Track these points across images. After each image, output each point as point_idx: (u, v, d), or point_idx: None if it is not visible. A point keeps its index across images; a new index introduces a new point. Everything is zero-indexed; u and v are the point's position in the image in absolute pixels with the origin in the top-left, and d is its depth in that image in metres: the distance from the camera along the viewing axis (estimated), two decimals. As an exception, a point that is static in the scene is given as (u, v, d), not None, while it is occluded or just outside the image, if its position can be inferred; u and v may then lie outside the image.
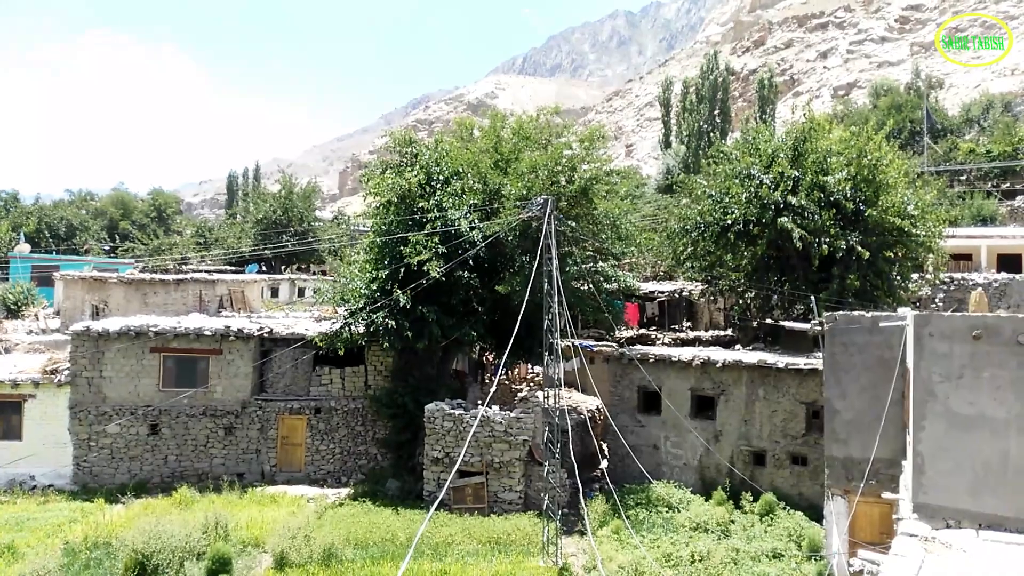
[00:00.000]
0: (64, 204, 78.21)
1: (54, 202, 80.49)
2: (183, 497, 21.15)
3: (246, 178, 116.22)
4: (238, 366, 24.22)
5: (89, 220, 73.16)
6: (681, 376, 22.80)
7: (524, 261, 22.41)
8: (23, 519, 20.13)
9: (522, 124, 25.81)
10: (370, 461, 24.47)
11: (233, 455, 24.02)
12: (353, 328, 22.97)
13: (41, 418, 23.48)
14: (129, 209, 76.98)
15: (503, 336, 22.13)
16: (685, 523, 18.91)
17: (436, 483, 21.08)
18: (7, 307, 44.48)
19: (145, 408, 23.69)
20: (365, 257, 24.36)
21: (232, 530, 18.28)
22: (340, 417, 24.53)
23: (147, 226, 74.46)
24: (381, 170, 24.84)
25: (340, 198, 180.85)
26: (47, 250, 63.19)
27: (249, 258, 58.62)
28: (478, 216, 22.77)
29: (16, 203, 76.50)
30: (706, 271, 26.96)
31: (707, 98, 69.74)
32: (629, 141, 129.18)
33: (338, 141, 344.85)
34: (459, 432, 21.00)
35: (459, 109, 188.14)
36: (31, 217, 69.95)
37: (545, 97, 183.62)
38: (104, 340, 23.73)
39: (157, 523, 17.30)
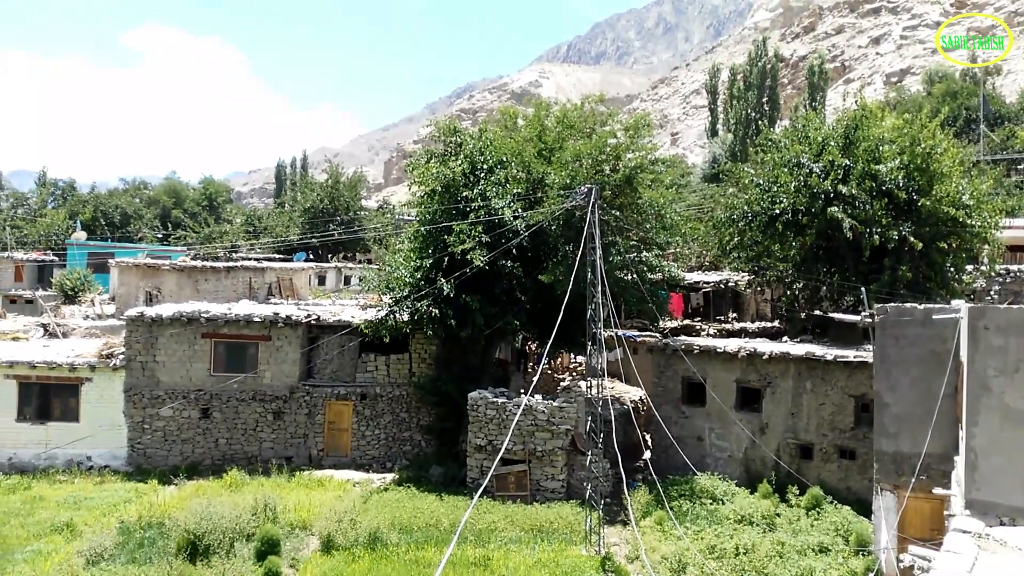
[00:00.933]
0: (119, 193, 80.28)
1: (109, 191, 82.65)
2: (233, 479, 21.69)
3: (294, 168, 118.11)
4: (286, 352, 24.68)
5: (143, 208, 75.01)
6: (726, 367, 22.56)
7: (567, 250, 22.39)
8: (81, 498, 20.89)
9: (566, 113, 25.69)
10: (414, 447, 24.77)
11: (282, 439, 24.52)
12: (398, 316, 23.22)
13: (97, 401, 24.25)
14: (181, 198, 78.73)
15: (546, 325, 22.17)
16: (729, 515, 18.75)
17: (479, 470, 21.25)
18: (65, 293, 46.04)
19: (197, 392, 24.30)
20: (410, 246, 24.57)
21: (280, 512, 18.70)
22: (385, 403, 24.86)
23: (198, 214, 76.11)
24: (425, 159, 25.00)
25: (385, 187, 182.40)
26: (103, 238, 65.02)
27: (297, 246, 59.56)
28: (521, 205, 22.80)
29: (73, 192, 78.82)
30: (753, 261, 26.56)
31: (755, 85, 68.54)
32: (675, 129, 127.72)
33: (383, 131, 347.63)
34: (502, 420, 21.13)
35: (503, 98, 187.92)
36: (87, 205, 71.99)
37: (589, 85, 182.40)
38: (157, 325, 24.38)
39: (208, 504, 17.80)
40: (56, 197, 77.63)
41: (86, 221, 67.70)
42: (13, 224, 69.87)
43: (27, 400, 24.29)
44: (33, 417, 24.21)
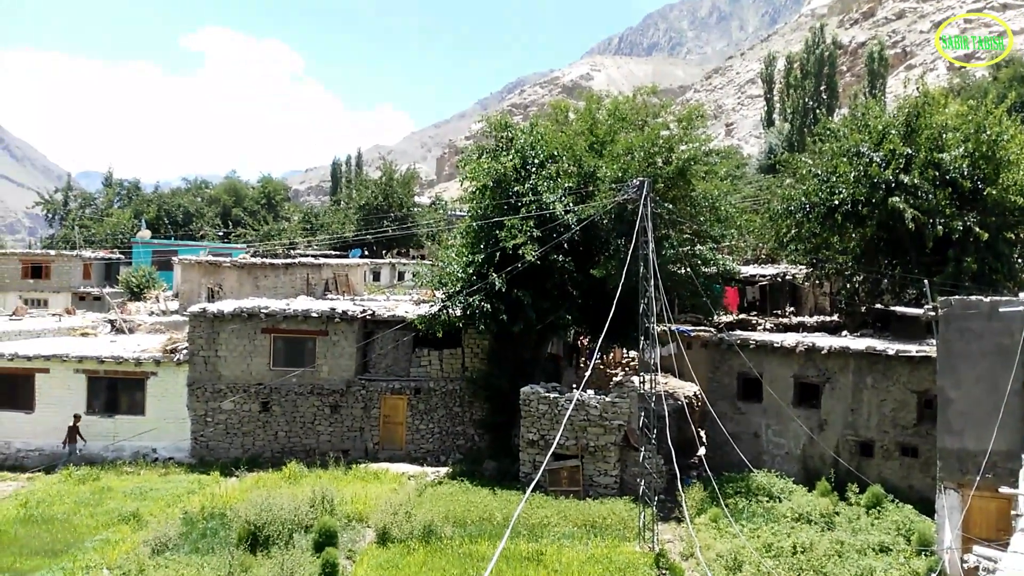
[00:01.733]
0: (181, 192, 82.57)
1: (172, 190, 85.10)
2: (292, 472, 22.17)
3: (349, 166, 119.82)
4: (343, 347, 25.11)
5: (204, 207, 76.99)
6: (784, 363, 22.15)
7: (619, 244, 22.25)
8: (146, 489, 21.57)
9: (618, 105, 25.51)
10: (467, 441, 24.96)
11: (338, 432, 24.97)
12: (450, 311, 23.40)
13: (162, 395, 25.04)
14: (241, 196, 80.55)
15: (598, 320, 22.09)
16: (787, 513, 18.43)
17: (532, 465, 21.31)
18: (131, 290, 47.62)
19: (257, 386, 24.90)
20: (462, 241, 24.73)
21: (337, 504, 19.03)
22: (439, 398, 25.11)
23: (257, 212, 77.78)
24: (477, 155, 25.11)
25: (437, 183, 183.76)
26: (166, 236, 66.94)
27: (352, 243, 60.41)
28: (573, 199, 22.73)
29: (138, 191, 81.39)
30: (811, 254, 26.00)
31: (813, 73, 66.95)
32: (729, 120, 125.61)
33: (435, 128, 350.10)
34: (554, 415, 21.15)
35: (554, 92, 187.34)
36: (151, 205, 74.23)
37: (641, 77, 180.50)
38: (219, 321, 25.04)
39: (268, 496, 18.25)
40: (122, 197, 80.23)
41: (150, 220, 69.77)
42: (82, 224, 72.55)
43: (96, 394, 25.20)
44: (101, 410, 25.11)
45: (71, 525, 18.84)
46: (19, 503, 20.27)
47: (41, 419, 24.93)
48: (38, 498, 20.63)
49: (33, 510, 19.73)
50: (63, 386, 24.92)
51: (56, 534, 18.23)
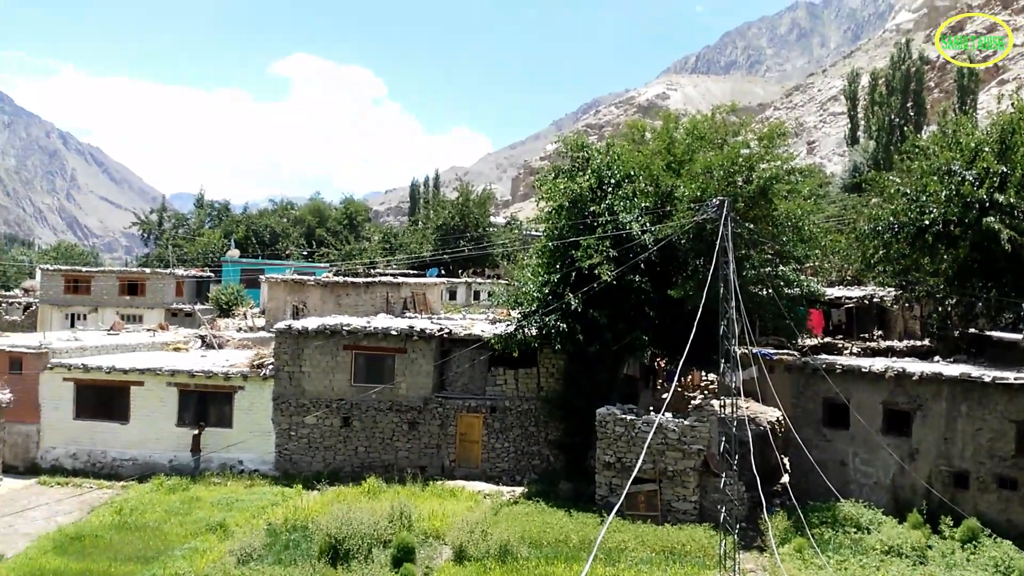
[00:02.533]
0: (268, 213, 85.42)
1: (260, 211, 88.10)
2: (371, 487, 22.55)
3: (427, 187, 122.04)
4: (420, 364, 25.48)
5: (289, 227, 79.43)
6: (872, 389, 21.35)
7: (698, 265, 21.94)
8: (233, 500, 22.27)
9: (696, 124, 25.24)
10: (543, 461, 24.90)
11: (416, 449, 25.30)
12: (526, 331, 23.49)
13: (249, 408, 25.89)
14: (324, 217, 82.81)
15: (675, 342, 21.77)
16: (876, 545, 17.69)
17: (608, 487, 21.10)
18: (220, 307, 49.52)
19: (338, 401, 25.48)
20: (537, 261, 24.82)
21: (415, 521, 19.24)
22: (514, 417, 25.16)
23: (340, 233, 79.82)
24: (553, 175, 25.22)
25: (513, 204, 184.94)
26: (253, 255, 69.21)
27: (430, 262, 61.36)
28: (650, 219, 22.56)
29: (227, 212, 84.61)
30: (900, 276, 25.05)
31: (899, 90, 64.95)
32: (811, 138, 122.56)
33: (511, 149, 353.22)
34: (631, 437, 20.91)
35: (629, 112, 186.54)
36: (240, 225, 77.03)
37: (719, 95, 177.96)
38: (303, 338, 25.77)
39: (348, 510, 18.60)
40: (212, 218, 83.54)
41: (239, 240, 72.35)
42: (175, 243, 75.86)
43: (186, 406, 26.22)
44: (192, 423, 26.09)
45: (162, 533, 19.61)
46: (114, 510, 21.25)
47: (135, 430, 26.13)
48: (131, 506, 21.59)
49: (127, 517, 20.64)
50: (156, 399, 26.06)
51: (148, 541, 19.02)
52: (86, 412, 26.41)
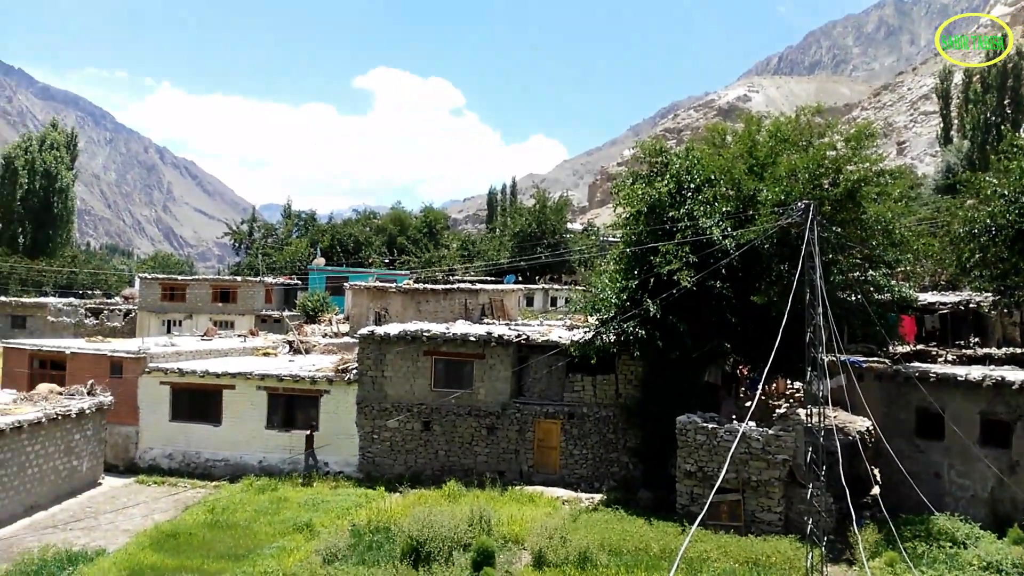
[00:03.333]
0: (352, 222, 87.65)
1: (344, 220, 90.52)
2: (452, 490, 22.81)
3: (504, 194, 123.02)
4: (498, 370, 25.67)
5: (372, 236, 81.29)
6: (968, 398, 20.35)
7: (782, 270, 21.39)
8: (319, 501, 22.83)
9: (779, 126, 24.65)
10: (621, 469, 24.69)
11: (495, 454, 25.47)
12: (604, 337, 23.36)
13: (333, 411, 26.57)
14: (405, 226, 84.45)
15: (758, 349, 21.26)
16: (973, 561, 16.84)
17: (689, 496, 20.76)
18: (307, 313, 51.09)
19: (419, 406, 25.90)
20: (615, 267, 24.67)
21: (494, 525, 19.35)
22: (592, 424, 25.04)
23: (420, 240, 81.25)
24: (631, 181, 25.04)
25: (590, 210, 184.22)
26: (338, 263, 71.11)
27: (507, 269, 61.77)
28: (731, 224, 22.14)
29: (313, 222, 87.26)
30: (998, 280, 23.85)
31: (995, 87, 61.87)
32: (901, 138, 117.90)
33: (588, 155, 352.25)
34: (712, 446, 20.53)
35: (709, 115, 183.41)
36: (325, 234, 79.30)
37: (803, 97, 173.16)
38: (385, 343, 26.32)
39: (429, 513, 18.86)
40: (299, 227, 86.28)
41: (324, 248, 74.47)
42: (264, 252, 78.69)
43: (275, 410, 27.11)
44: (280, 425, 26.98)
45: (251, 532, 20.24)
46: (207, 509, 22.05)
47: (227, 431, 27.15)
48: (223, 505, 22.34)
49: (219, 516, 21.39)
50: (247, 402, 27.04)
51: (238, 539, 19.63)
52: (181, 414, 27.61)
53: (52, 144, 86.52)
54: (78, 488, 24.09)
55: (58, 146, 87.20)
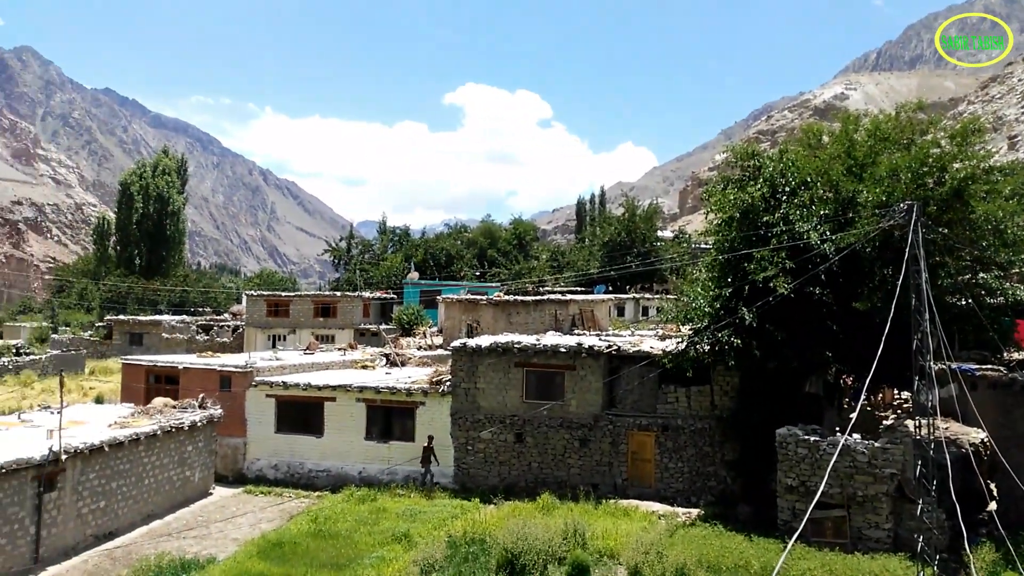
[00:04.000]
0: (443, 236, 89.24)
1: (436, 235, 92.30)
2: (545, 502, 22.79)
3: (592, 204, 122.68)
4: (590, 381, 25.56)
5: (463, 249, 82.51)
6: (1098, 407, 18.91)
7: (886, 275, 20.46)
8: (415, 511, 23.23)
9: (878, 124, 23.67)
10: (719, 483, 24.12)
11: (588, 466, 25.34)
12: (698, 347, 22.91)
13: (429, 423, 27.04)
14: (495, 238, 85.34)
15: (862, 357, 20.35)
16: (1107, 585, 15.60)
17: (791, 512, 20.08)
18: (402, 326, 52.28)
19: (511, 417, 26.06)
20: (707, 275, 24.18)
21: (589, 539, 19.22)
22: (687, 436, 24.58)
23: (510, 253, 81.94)
24: (722, 186, 24.53)
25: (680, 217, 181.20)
26: (431, 277, 72.54)
27: (597, 279, 61.51)
28: (829, 227, 21.36)
29: (407, 237, 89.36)
30: None
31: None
32: (1012, 132, 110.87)
33: (677, 161, 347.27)
34: (815, 460, 19.80)
35: (804, 115, 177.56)
36: (419, 249, 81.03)
37: (904, 93, 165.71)
38: (477, 355, 26.63)
39: (524, 525, 18.90)
40: (394, 243, 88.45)
41: (418, 263, 76.08)
42: (362, 268, 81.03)
43: (373, 421, 27.81)
44: (378, 436, 27.65)
45: (352, 541, 20.75)
46: (310, 519, 22.76)
47: (328, 443, 28.04)
48: (325, 515, 23.02)
49: (321, 526, 22.05)
50: (347, 414, 27.86)
51: (340, 549, 20.14)
52: (286, 426, 28.69)
53: (164, 170, 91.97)
54: (191, 498, 25.36)
55: (170, 171, 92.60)
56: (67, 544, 19.98)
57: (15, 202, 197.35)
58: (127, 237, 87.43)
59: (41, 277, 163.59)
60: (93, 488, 21.00)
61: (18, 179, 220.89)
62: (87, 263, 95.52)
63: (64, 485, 19.92)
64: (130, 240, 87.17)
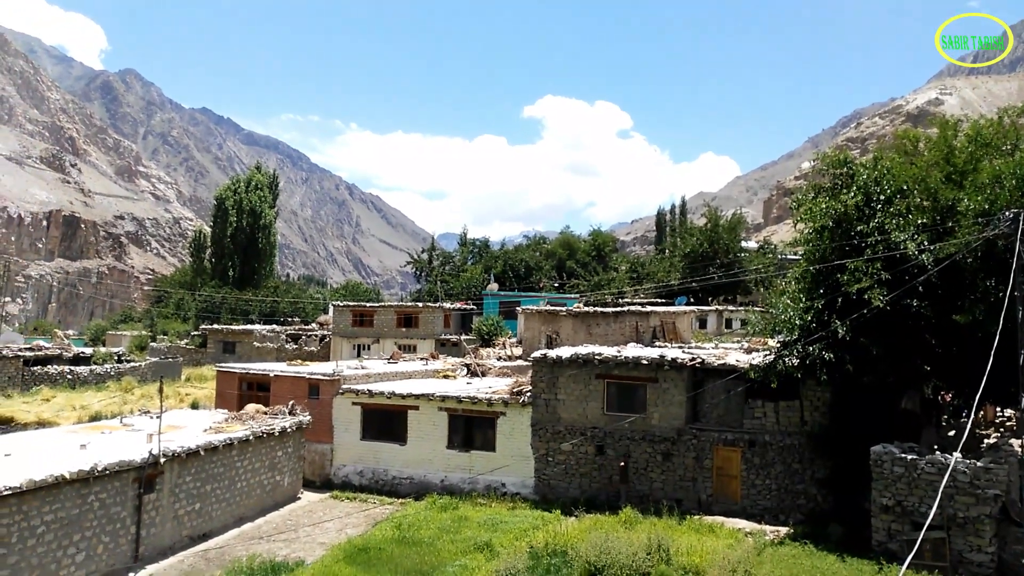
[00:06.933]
0: (522, 247, 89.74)
1: (515, 246, 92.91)
2: (628, 516, 22.46)
3: (673, 214, 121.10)
4: (672, 394, 25.16)
5: (542, 261, 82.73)
6: None
7: (988, 286, 19.45)
8: (497, 521, 23.27)
9: (979, 129, 22.58)
10: (809, 501, 23.33)
11: (671, 481, 24.91)
12: (787, 360, 22.26)
13: (509, 433, 27.15)
14: (573, 249, 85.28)
15: (963, 373, 19.49)
16: None
17: (886, 533, 19.25)
18: (482, 337, 52.72)
19: (592, 429, 25.89)
20: (797, 286, 23.48)
21: (673, 555, 18.82)
22: (775, 452, 23.89)
23: (589, 264, 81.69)
24: (813, 195, 23.84)
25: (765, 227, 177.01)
26: (510, 288, 72.95)
27: (678, 290, 60.53)
28: (927, 237, 20.47)
29: (487, 249, 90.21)
30: None
31: None
32: None
33: (761, 170, 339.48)
34: (911, 479, 18.94)
35: (896, 122, 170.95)
36: (498, 260, 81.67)
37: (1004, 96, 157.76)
38: (557, 366, 26.58)
39: (606, 539, 18.68)
40: (474, 254, 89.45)
41: (497, 274, 76.67)
42: (442, 279, 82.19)
43: (455, 430, 28.08)
44: (459, 445, 27.91)
45: (435, 549, 20.91)
46: (394, 525, 23.07)
47: (411, 450, 28.47)
48: (409, 522, 23.28)
49: (405, 532, 22.30)
50: (429, 422, 28.25)
51: (423, 556, 20.30)
52: (370, 433, 29.29)
53: (256, 185, 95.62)
54: (280, 502, 26.16)
55: (262, 187, 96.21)
56: (164, 544, 20.88)
57: (118, 216, 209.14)
58: (222, 250, 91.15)
59: (141, 288, 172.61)
60: (189, 490, 21.91)
61: (121, 195, 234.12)
62: (184, 275, 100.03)
63: (162, 487, 20.85)
64: (224, 253, 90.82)
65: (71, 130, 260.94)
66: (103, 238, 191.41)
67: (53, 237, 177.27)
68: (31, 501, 16.79)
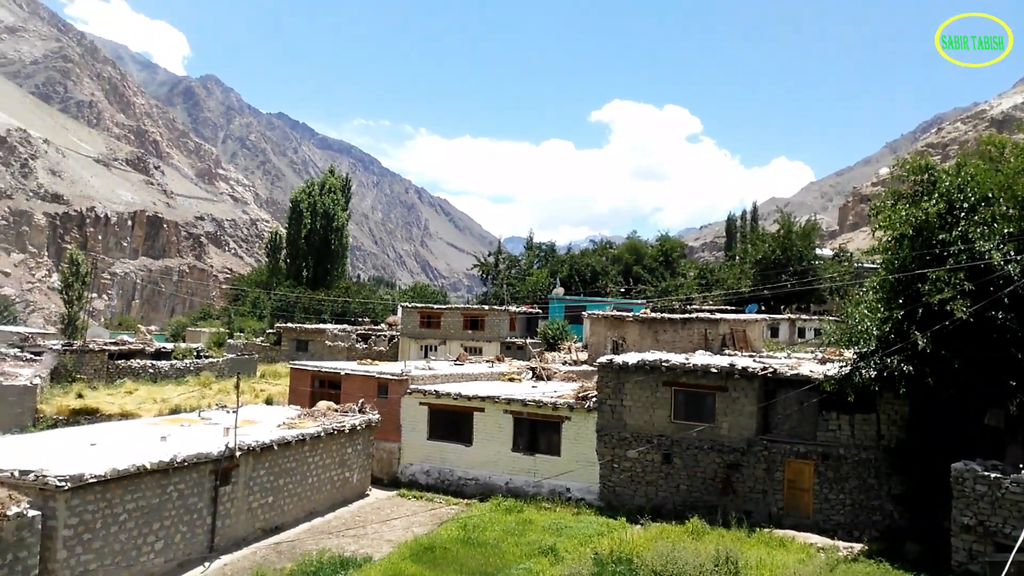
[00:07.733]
0: (589, 252, 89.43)
1: (581, 251, 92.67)
2: (695, 527, 22.13)
3: (744, 220, 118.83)
4: (742, 404, 24.69)
5: (608, 265, 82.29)
6: None
7: (1082, 299, 18.52)
8: (562, 526, 23.23)
9: (1074, 134, 21.54)
10: (885, 518, 22.57)
11: (740, 492, 24.43)
12: (863, 372, 21.60)
13: (574, 438, 27.06)
14: (640, 255, 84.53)
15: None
16: None
17: (967, 553, 18.48)
18: (547, 341, 52.76)
19: (659, 437, 25.61)
20: (874, 296, 22.77)
21: (742, 568, 18.46)
22: (850, 466, 23.19)
23: (656, 269, 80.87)
24: (892, 202, 23.10)
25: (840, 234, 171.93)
26: (576, 293, 72.75)
27: (748, 298, 59.41)
28: (1014, 247, 19.60)
29: (553, 253, 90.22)
30: None
31: None
32: None
33: (837, 176, 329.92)
34: (995, 498, 18.15)
35: (980, 127, 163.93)
36: (564, 264, 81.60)
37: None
38: (624, 372, 26.39)
39: (673, 549, 18.49)
40: (540, 258, 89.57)
41: (563, 278, 76.64)
42: (508, 282, 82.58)
43: (520, 433, 28.15)
44: (524, 448, 27.97)
45: (499, 551, 21.01)
46: (459, 525, 23.29)
47: (477, 452, 28.68)
48: (474, 523, 23.46)
49: (470, 533, 22.48)
50: (495, 424, 28.42)
51: (488, 558, 20.41)
52: (437, 433, 29.66)
53: (330, 188, 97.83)
54: (349, 498, 26.72)
55: (335, 190, 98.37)
56: (238, 535, 21.57)
57: (198, 217, 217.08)
58: (296, 250, 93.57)
59: (219, 286, 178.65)
60: (263, 484, 22.58)
61: (202, 196, 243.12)
62: (260, 274, 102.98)
63: (237, 480, 21.55)
64: (299, 253, 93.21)
65: (155, 134, 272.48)
66: (184, 238, 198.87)
67: (137, 236, 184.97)
68: (115, 489, 17.56)
